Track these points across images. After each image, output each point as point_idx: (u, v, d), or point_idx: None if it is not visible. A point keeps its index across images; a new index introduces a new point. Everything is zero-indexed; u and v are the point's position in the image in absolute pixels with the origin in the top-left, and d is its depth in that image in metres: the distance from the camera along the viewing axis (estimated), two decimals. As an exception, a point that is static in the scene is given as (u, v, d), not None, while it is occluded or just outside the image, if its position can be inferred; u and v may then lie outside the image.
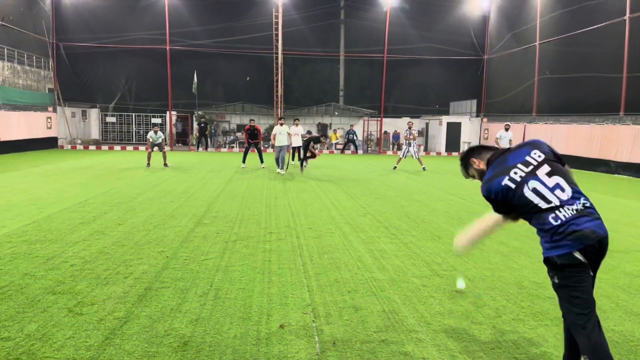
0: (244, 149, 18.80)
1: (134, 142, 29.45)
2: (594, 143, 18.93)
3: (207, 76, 29.51)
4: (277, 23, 28.07)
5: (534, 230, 2.90)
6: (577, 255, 2.68)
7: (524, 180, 2.85)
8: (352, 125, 29.71)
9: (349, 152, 28.96)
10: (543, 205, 2.80)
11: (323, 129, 31.30)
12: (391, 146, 30.54)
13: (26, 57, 24.69)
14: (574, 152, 20.15)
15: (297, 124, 16.82)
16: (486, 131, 29.04)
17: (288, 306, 4.38)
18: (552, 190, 2.81)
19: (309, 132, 31.51)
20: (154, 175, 14.56)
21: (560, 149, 21.09)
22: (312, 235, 7.15)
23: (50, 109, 26.68)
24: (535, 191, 2.82)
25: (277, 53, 28.37)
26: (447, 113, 31.14)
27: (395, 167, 17.90)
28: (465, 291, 4.83)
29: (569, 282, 2.73)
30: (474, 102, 30.48)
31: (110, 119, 29.96)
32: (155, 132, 17.32)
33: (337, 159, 23.67)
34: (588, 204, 2.78)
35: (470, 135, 29.53)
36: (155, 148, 17.38)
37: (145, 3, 28.08)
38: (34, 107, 24.92)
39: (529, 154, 2.94)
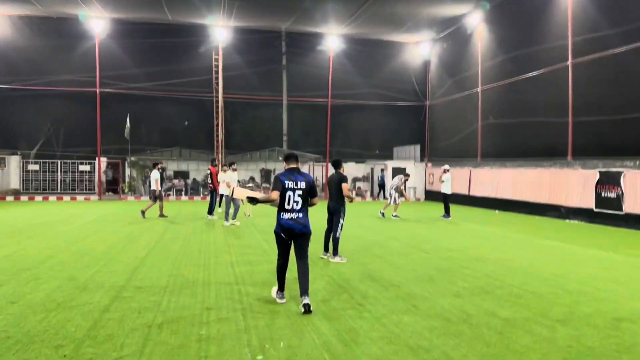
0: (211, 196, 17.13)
1: (58, 191, 26.91)
2: (542, 188, 18.70)
3: (142, 120, 27.74)
4: (217, 66, 27.02)
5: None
6: (281, 233, 5.86)
7: (288, 188, 5.79)
8: (382, 170, 28.92)
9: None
10: (285, 204, 5.81)
11: (267, 174, 30.10)
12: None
13: None
14: (522, 197, 19.89)
15: (234, 169, 15.49)
16: (431, 175, 28.75)
17: None
18: (294, 201, 5.82)
19: (251, 179, 30.25)
20: (74, 232, 12.66)
21: (508, 194, 20.89)
22: (262, 310, 5.76)
23: (-40, 155, 23.96)
24: (288, 196, 5.79)
25: (217, 97, 27.18)
26: (390, 158, 30.75)
27: (397, 215, 17.41)
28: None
29: (277, 242, 6.03)
30: (418, 147, 30.32)
31: (32, 167, 27.33)
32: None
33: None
34: (301, 217, 5.86)
35: (415, 180, 29.13)
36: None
37: (74, 44, 26.30)
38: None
39: (299, 181, 5.85)
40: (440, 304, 6.09)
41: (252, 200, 5.88)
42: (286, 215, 5.79)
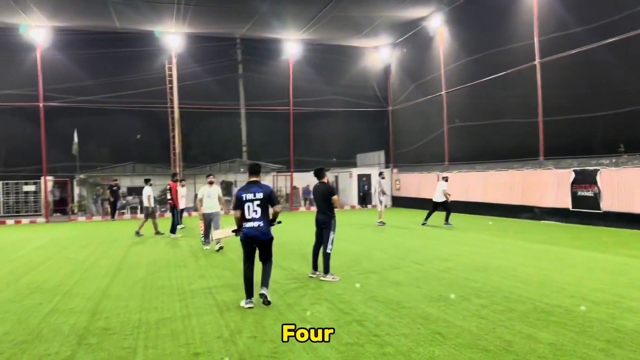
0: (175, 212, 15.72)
1: (1, 214, 24.75)
2: (514, 189, 18.44)
3: (91, 135, 25.94)
4: (171, 75, 25.69)
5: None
6: (244, 239, 6.50)
7: (246, 200, 6.50)
8: (364, 179, 28.10)
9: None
10: (246, 214, 6.49)
11: (227, 187, 28.82)
12: (302, 202, 28.70)
13: None
14: (493, 199, 19.61)
15: (211, 182, 12.29)
16: (397, 182, 28.30)
17: None
18: (253, 211, 6.48)
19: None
20: (21, 261, 11.19)
21: (478, 197, 20.56)
22: (262, 352, 4.78)
23: None
24: (248, 206, 6.48)
25: (172, 107, 25.81)
26: (354, 165, 30.13)
27: (383, 223, 17.12)
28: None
29: (243, 248, 6.58)
30: (382, 153, 29.86)
31: (-30, 190, 25.07)
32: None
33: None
34: (262, 225, 6.49)
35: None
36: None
37: (14, 56, 24.34)
38: None
39: (256, 192, 6.52)
40: (468, 328, 5.29)
41: (236, 232, 6.77)
42: (248, 225, 6.48)
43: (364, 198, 28.49)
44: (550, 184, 16.76)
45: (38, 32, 23.74)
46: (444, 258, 9.82)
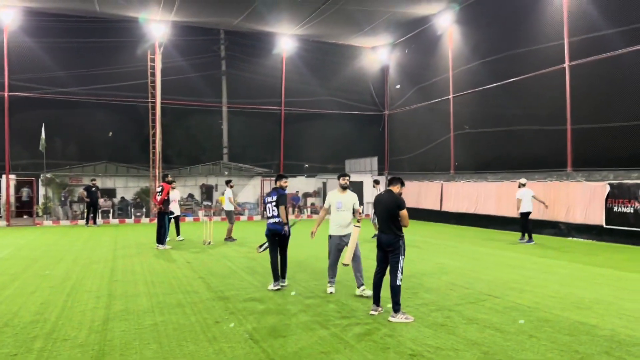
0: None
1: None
2: (535, 203, 16.98)
3: (60, 130, 23.40)
4: (153, 67, 23.35)
5: None
6: (268, 232, 8.04)
7: (267, 202, 8.12)
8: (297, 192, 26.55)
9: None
10: (267, 213, 8.12)
11: (208, 190, 26.64)
12: (292, 209, 26.73)
13: None
14: (508, 212, 18.08)
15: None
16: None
17: None
18: (272, 209, 8.00)
19: (190, 196, 26.65)
20: (-21, 279, 8.91)
21: (490, 210, 19.06)
22: None
23: None
24: (267, 207, 8.07)
25: (154, 102, 23.45)
26: (342, 171, 28.35)
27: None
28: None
29: (268, 240, 8.08)
30: (375, 159, 28.19)
31: None
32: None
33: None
34: (277, 220, 7.92)
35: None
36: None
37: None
38: None
39: (274, 195, 8.01)
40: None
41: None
42: (270, 220, 8.09)
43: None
44: (580, 198, 15.36)
45: (6, 12, 21.13)
46: (515, 288, 8.11)
